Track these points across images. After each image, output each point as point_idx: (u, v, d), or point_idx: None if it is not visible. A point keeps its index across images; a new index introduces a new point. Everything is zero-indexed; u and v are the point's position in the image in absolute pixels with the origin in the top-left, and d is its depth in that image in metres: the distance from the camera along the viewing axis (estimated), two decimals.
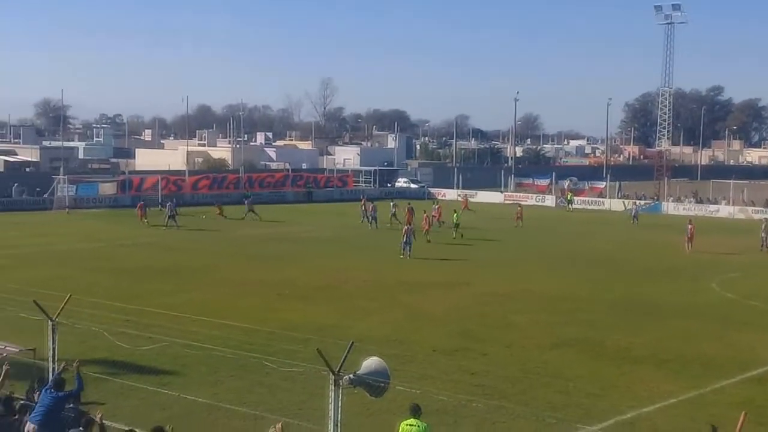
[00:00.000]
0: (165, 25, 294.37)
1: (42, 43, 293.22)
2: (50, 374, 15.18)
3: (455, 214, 52.43)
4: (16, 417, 13.99)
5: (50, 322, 15.32)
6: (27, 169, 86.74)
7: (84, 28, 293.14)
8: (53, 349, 15.46)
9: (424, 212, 51.34)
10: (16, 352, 18.34)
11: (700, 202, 79.12)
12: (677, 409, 18.95)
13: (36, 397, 14.83)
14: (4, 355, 16.12)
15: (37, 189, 68.59)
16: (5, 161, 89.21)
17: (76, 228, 53.26)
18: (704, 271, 40.03)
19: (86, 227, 54.09)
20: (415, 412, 13.37)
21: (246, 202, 61.89)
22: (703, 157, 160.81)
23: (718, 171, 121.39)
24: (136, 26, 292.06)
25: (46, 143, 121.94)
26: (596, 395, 19.40)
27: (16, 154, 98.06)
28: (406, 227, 43.63)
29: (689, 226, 48.34)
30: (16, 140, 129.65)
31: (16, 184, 68.44)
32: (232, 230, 53.54)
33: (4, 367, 14.97)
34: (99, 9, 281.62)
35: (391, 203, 59.62)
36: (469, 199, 74.41)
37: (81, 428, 12.94)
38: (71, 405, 14.34)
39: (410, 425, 13.17)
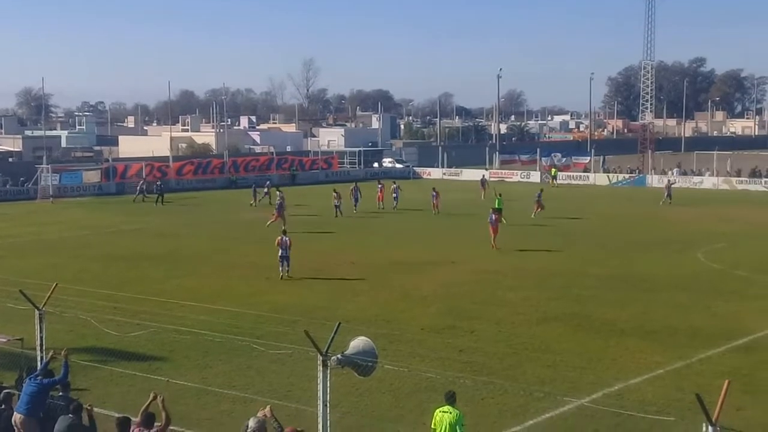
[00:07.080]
0: (144, 8, 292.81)
1: (21, 31, 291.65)
2: (39, 363, 15.19)
3: (498, 198, 48.35)
4: (3, 407, 13.98)
5: (37, 312, 15.30)
6: (10, 160, 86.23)
7: (63, 14, 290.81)
8: (41, 338, 15.43)
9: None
10: (4, 342, 18.34)
11: (684, 174, 79.39)
12: (664, 380, 19.09)
13: None
14: None
15: (21, 179, 68.27)
16: None
17: (62, 217, 53.06)
18: (690, 243, 40.25)
19: (72, 216, 53.91)
20: (450, 399, 13.39)
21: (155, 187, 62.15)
22: (687, 129, 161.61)
23: (701, 143, 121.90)
24: (115, 11, 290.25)
25: (28, 133, 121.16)
26: (583, 368, 19.53)
27: None
28: (279, 238, 31.83)
29: None
30: None
31: None
32: (218, 215, 53.46)
33: None
34: None
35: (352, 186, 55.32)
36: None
37: (71, 415, 12.97)
38: (61, 393, 14.34)
39: (444, 412, 13.22)
